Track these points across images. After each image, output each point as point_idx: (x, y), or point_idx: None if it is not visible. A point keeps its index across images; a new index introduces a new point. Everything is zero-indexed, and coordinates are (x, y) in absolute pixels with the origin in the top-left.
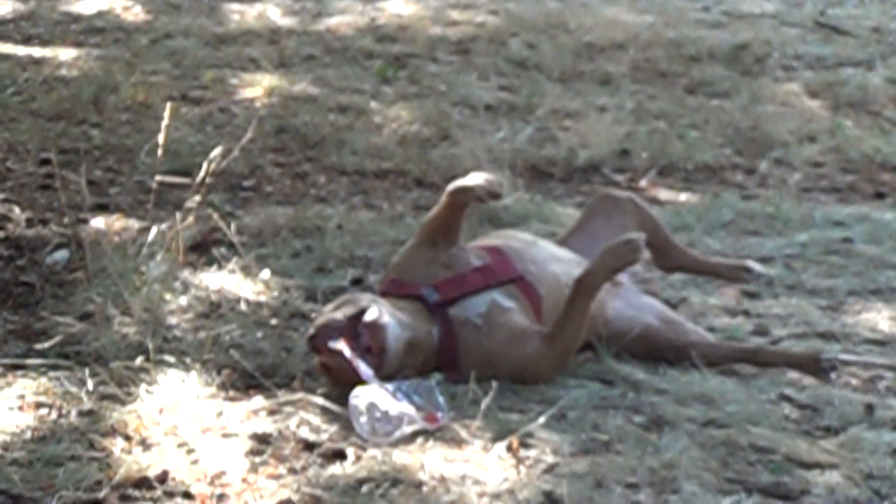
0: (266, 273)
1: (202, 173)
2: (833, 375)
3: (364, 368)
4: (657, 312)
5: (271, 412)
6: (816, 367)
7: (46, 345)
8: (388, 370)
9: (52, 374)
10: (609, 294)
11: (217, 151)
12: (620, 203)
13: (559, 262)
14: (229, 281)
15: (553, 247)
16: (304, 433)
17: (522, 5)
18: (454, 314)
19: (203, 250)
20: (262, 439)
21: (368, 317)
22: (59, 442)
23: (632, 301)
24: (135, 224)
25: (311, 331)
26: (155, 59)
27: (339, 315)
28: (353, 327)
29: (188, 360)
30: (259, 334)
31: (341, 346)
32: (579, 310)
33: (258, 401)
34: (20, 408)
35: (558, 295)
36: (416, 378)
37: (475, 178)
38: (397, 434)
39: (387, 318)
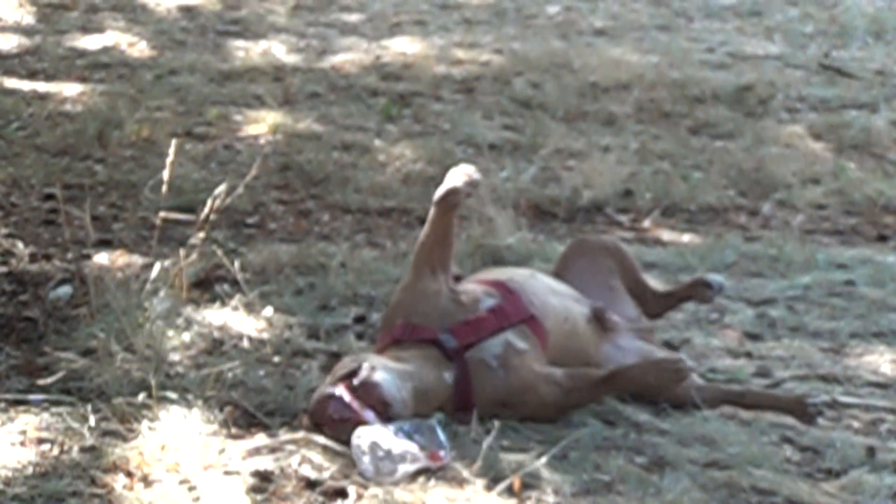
0: (269, 310)
1: (206, 210)
2: (819, 420)
3: (364, 410)
4: (643, 356)
5: (273, 450)
6: (803, 411)
7: (49, 380)
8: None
9: (54, 409)
10: (601, 338)
11: (221, 188)
12: (604, 246)
13: (556, 295)
14: (232, 318)
15: (549, 279)
16: (306, 471)
17: (527, 45)
18: (469, 356)
19: (206, 287)
20: (264, 477)
21: (358, 378)
22: (61, 478)
23: (621, 345)
24: (138, 260)
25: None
26: (159, 95)
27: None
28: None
29: (190, 397)
30: (261, 372)
31: (340, 391)
32: (602, 394)
33: (260, 438)
34: (22, 443)
35: (560, 328)
36: (418, 418)
37: (454, 178)
38: (400, 473)
39: (380, 375)
